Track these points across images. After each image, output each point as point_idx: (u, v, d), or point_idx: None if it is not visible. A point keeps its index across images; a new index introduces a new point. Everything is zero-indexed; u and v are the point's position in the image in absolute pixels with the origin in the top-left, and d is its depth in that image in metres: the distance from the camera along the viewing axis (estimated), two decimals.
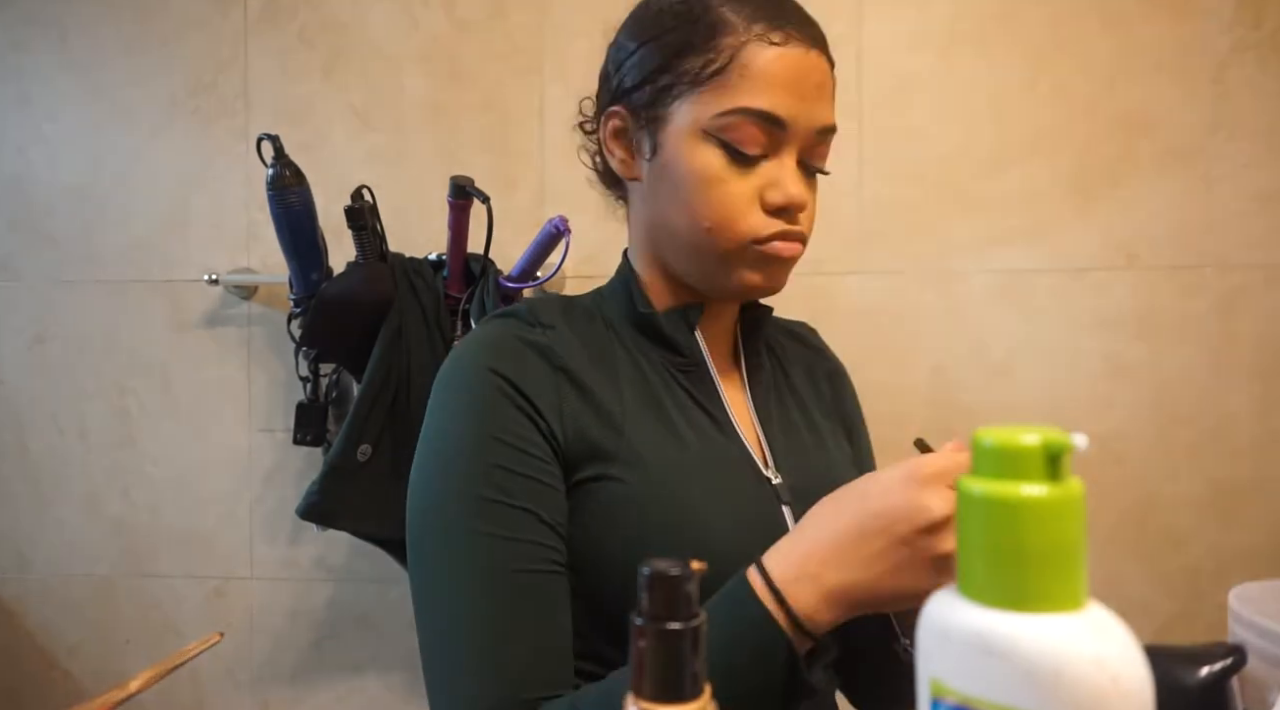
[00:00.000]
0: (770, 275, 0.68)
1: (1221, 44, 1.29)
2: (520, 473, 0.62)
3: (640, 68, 0.68)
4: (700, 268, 0.69)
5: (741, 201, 0.65)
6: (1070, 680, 0.29)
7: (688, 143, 0.65)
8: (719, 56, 0.64)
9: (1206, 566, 1.30)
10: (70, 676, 1.49)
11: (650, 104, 0.68)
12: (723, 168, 0.65)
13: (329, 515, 1.20)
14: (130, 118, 1.45)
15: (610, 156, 0.72)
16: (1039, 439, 0.31)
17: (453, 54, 1.40)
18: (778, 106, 0.64)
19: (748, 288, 0.68)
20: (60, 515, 1.48)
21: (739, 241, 0.66)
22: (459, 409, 0.65)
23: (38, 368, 1.48)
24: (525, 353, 0.66)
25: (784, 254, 0.66)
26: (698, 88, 0.65)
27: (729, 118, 0.64)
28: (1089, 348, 1.31)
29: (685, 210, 0.66)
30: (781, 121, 0.64)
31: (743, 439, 0.70)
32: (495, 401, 0.64)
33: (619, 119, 0.71)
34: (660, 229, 0.70)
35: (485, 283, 1.24)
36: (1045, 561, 0.31)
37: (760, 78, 0.63)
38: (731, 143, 0.64)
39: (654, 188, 0.69)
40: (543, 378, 0.65)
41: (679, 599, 0.32)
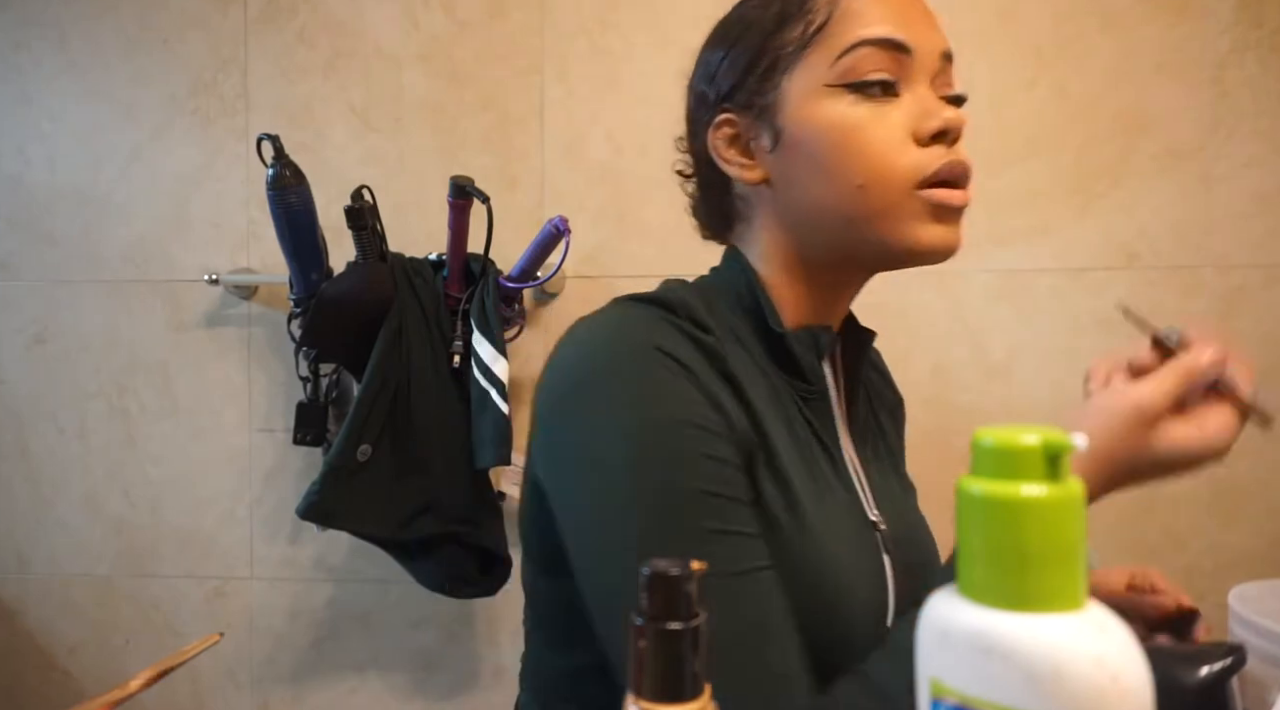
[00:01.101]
0: (949, 229, 0.59)
1: (1221, 44, 1.29)
2: (730, 462, 0.55)
3: (735, 65, 0.64)
4: (860, 237, 0.60)
5: (892, 141, 0.58)
6: (1070, 680, 0.29)
7: (811, 107, 0.60)
8: (817, 13, 0.60)
9: (1206, 566, 1.30)
10: (70, 676, 1.49)
11: (758, 93, 0.62)
12: (860, 113, 0.58)
13: (329, 515, 1.20)
14: (130, 118, 1.45)
15: (728, 166, 0.65)
16: (1039, 439, 0.31)
17: (453, 54, 1.40)
18: (897, 30, 0.59)
19: (924, 247, 0.59)
20: (60, 515, 1.48)
21: (901, 187, 0.58)
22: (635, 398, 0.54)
23: (38, 368, 1.48)
24: (690, 347, 0.57)
25: (953, 201, 0.59)
26: (804, 51, 0.60)
27: (849, 56, 0.58)
28: (1089, 348, 1.31)
29: (829, 178, 0.59)
30: (905, 45, 0.59)
31: (853, 479, 0.65)
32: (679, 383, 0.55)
33: (728, 126, 0.64)
34: (802, 220, 0.63)
35: (485, 283, 1.24)
36: (1045, 561, 0.31)
37: (867, 11, 0.59)
38: (859, 82, 0.58)
39: (785, 177, 0.62)
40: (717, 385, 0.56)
41: (679, 599, 0.32)
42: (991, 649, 0.30)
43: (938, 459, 1.36)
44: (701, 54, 0.70)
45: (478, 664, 1.42)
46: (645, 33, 1.36)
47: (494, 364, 1.20)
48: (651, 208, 1.37)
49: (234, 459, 1.45)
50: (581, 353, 0.57)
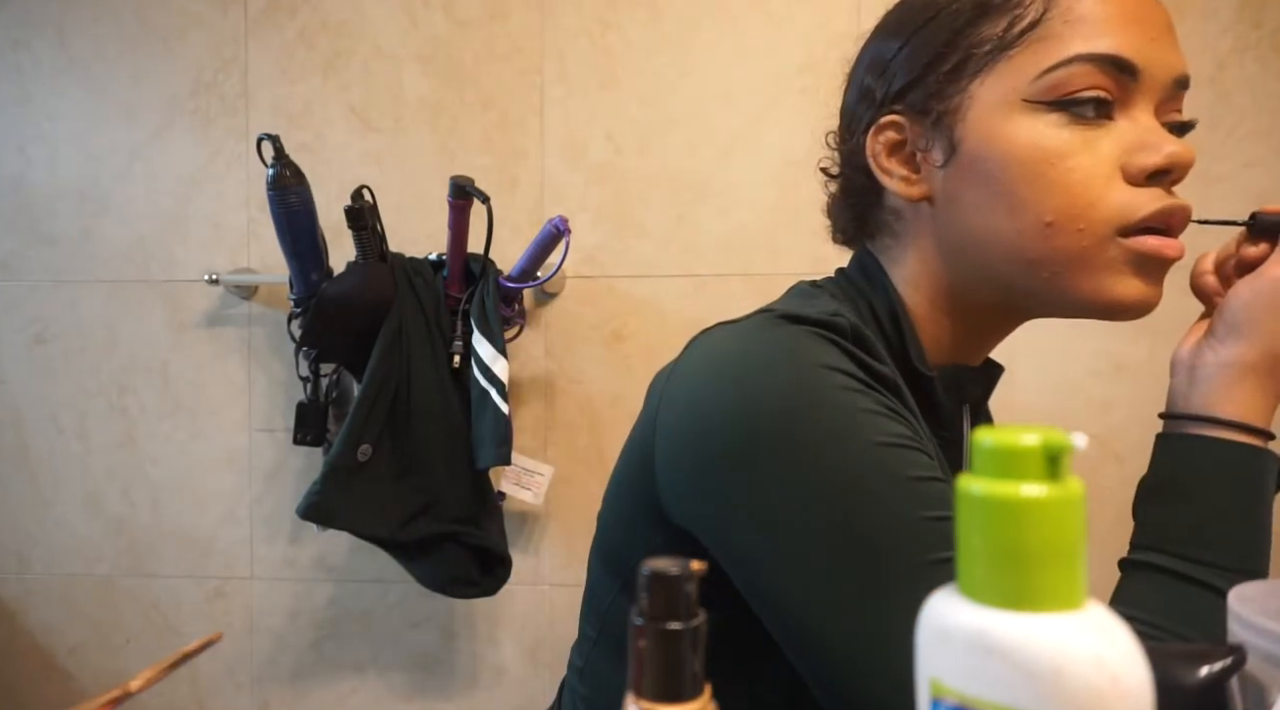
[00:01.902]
0: (1152, 288, 0.53)
1: (1221, 44, 1.29)
2: (932, 477, 0.47)
3: (913, 60, 0.54)
4: (1038, 285, 0.52)
5: (1096, 176, 0.50)
6: (1070, 680, 0.29)
7: (1002, 121, 0.51)
8: (1028, 10, 0.51)
9: None
10: (70, 676, 1.49)
11: (937, 96, 0.53)
12: (1062, 138, 0.50)
13: (329, 515, 1.20)
14: (130, 118, 1.46)
15: (886, 177, 0.56)
16: (1039, 439, 0.31)
17: (453, 54, 1.40)
18: (1125, 48, 0.49)
19: (1119, 304, 0.52)
20: (60, 515, 1.48)
21: (1097, 232, 0.50)
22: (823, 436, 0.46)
23: (38, 368, 1.48)
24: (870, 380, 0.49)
25: (1165, 253, 0.52)
26: (1005, 52, 0.51)
27: (1061, 71, 0.49)
28: (1089, 348, 1.31)
29: (1011, 210, 0.51)
30: (1133, 67, 0.50)
31: None
32: (870, 410, 0.48)
33: (894, 129, 0.56)
34: (966, 251, 0.54)
35: (485, 283, 1.24)
36: (1045, 561, 0.31)
37: (1094, 18, 0.49)
38: (1069, 100, 0.49)
39: (954, 198, 0.54)
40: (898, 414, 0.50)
41: (679, 599, 0.32)
42: (991, 649, 0.30)
43: None
44: (872, 40, 0.60)
45: (478, 664, 1.42)
46: (645, 33, 1.36)
47: (494, 364, 1.20)
48: (651, 208, 1.37)
49: (234, 459, 1.45)
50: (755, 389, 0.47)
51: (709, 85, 1.35)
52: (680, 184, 1.37)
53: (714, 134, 1.36)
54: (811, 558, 0.46)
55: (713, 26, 1.34)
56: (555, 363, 1.39)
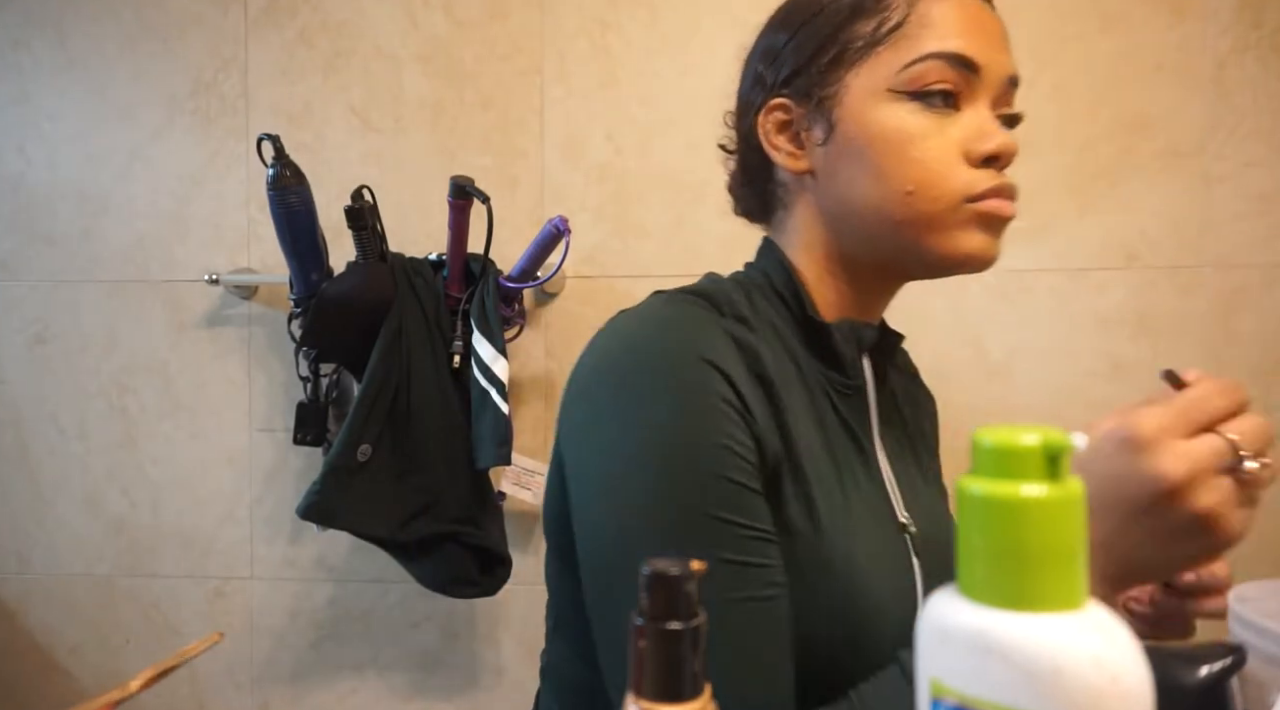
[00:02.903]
0: (987, 242, 0.60)
1: (1221, 44, 1.29)
2: (749, 487, 0.54)
3: (800, 50, 0.63)
4: (903, 243, 0.61)
5: (946, 156, 0.59)
6: (1070, 680, 0.29)
7: (873, 107, 0.60)
8: (894, 13, 0.60)
9: None
10: (70, 676, 1.49)
11: (819, 83, 0.62)
12: (919, 122, 0.59)
13: (329, 515, 1.20)
14: (130, 118, 1.45)
15: (775, 152, 0.65)
16: (1039, 439, 0.31)
17: (453, 54, 1.40)
18: (968, 48, 0.59)
19: (968, 256, 0.60)
20: (60, 515, 1.48)
21: (949, 200, 0.59)
22: (671, 404, 0.53)
23: (38, 368, 1.48)
24: (731, 348, 0.56)
25: (1004, 212, 0.60)
26: (875, 48, 0.60)
27: (919, 66, 0.58)
28: (1089, 348, 1.31)
29: (879, 180, 0.60)
30: (975, 64, 0.59)
31: (884, 478, 0.65)
32: (714, 398, 0.54)
33: (781, 111, 0.64)
34: (843, 217, 0.63)
35: (485, 283, 1.24)
36: (1045, 561, 0.31)
37: (945, 23, 0.59)
38: (924, 91, 0.59)
39: (833, 171, 0.62)
40: (750, 383, 0.56)
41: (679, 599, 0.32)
42: (991, 649, 0.30)
43: None
44: (765, 32, 0.67)
45: (478, 664, 1.42)
46: (645, 33, 1.36)
47: (494, 364, 1.20)
48: (651, 208, 1.37)
49: (234, 459, 1.45)
50: (625, 346, 0.56)
51: (709, 85, 1.35)
52: (680, 184, 1.37)
53: (714, 134, 1.36)
54: (610, 503, 0.54)
55: (713, 26, 1.34)
56: (555, 363, 1.39)
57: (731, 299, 0.60)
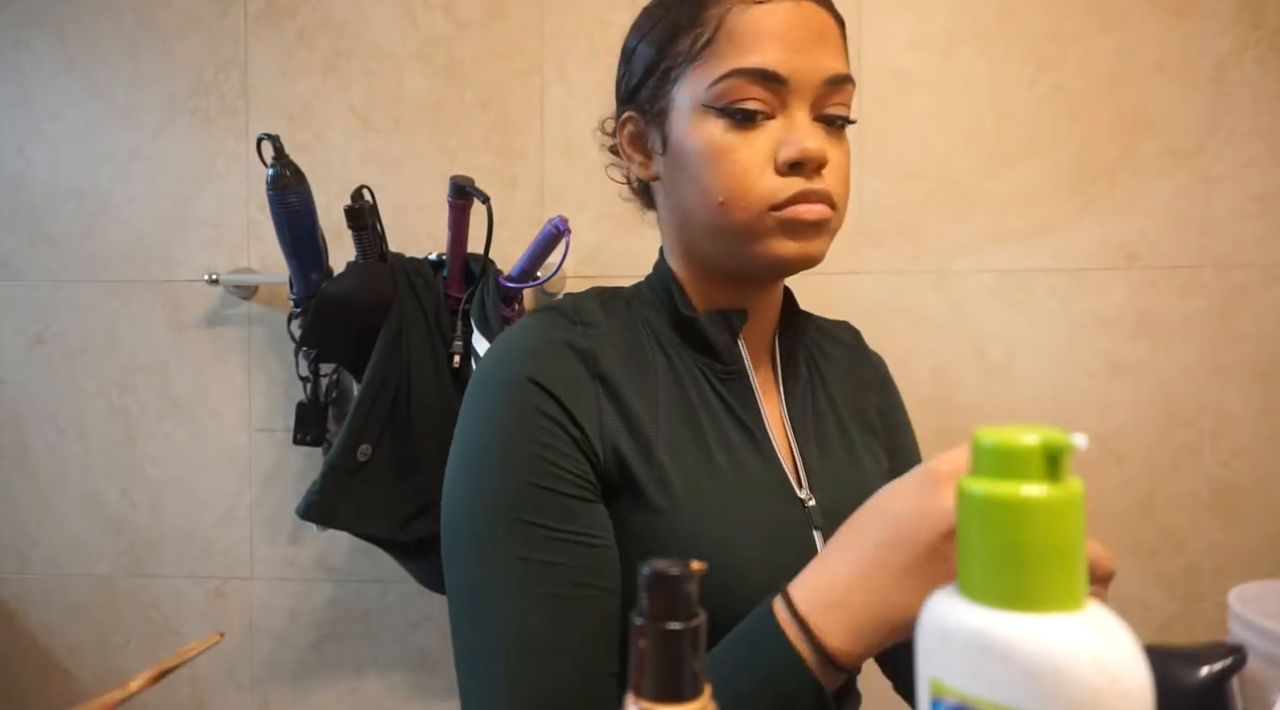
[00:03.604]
0: (803, 243, 0.62)
1: (1221, 44, 1.29)
2: (557, 491, 0.59)
3: (640, 64, 0.67)
4: (727, 249, 0.65)
5: (752, 167, 0.61)
6: (1070, 680, 0.29)
7: (690, 122, 0.63)
8: (706, 28, 0.62)
9: (1206, 566, 1.30)
10: (70, 676, 1.49)
11: (654, 98, 0.66)
12: (725, 136, 0.62)
13: (329, 515, 1.20)
14: (130, 118, 1.46)
15: (631, 163, 0.70)
16: (1039, 439, 0.31)
17: (453, 54, 1.40)
18: (769, 61, 0.60)
19: (780, 260, 0.63)
20: (60, 515, 1.48)
21: (755, 209, 0.61)
22: (495, 417, 0.61)
23: (38, 368, 1.48)
24: (566, 357, 0.62)
25: (807, 216, 0.61)
26: (691, 64, 0.63)
27: (722, 83, 0.61)
28: (1089, 348, 1.31)
29: (698, 191, 0.64)
30: (778, 76, 0.61)
31: (778, 456, 0.67)
32: (533, 413, 0.60)
33: (632, 123, 0.69)
34: (684, 221, 0.67)
35: (485, 283, 1.24)
36: (1045, 561, 0.31)
37: (748, 37, 0.61)
38: (729, 108, 0.61)
39: (671, 180, 0.67)
40: (583, 387, 0.61)
41: (679, 599, 0.32)
42: (991, 649, 0.30)
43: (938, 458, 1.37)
44: (628, 34, 0.71)
45: None
46: None
47: None
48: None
49: (234, 459, 1.45)
50: (480, 368, 0.65)
51: None
52: None
53: None
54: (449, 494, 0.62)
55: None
56: None
57: (585, 308, 0.67)
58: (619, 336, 0.66)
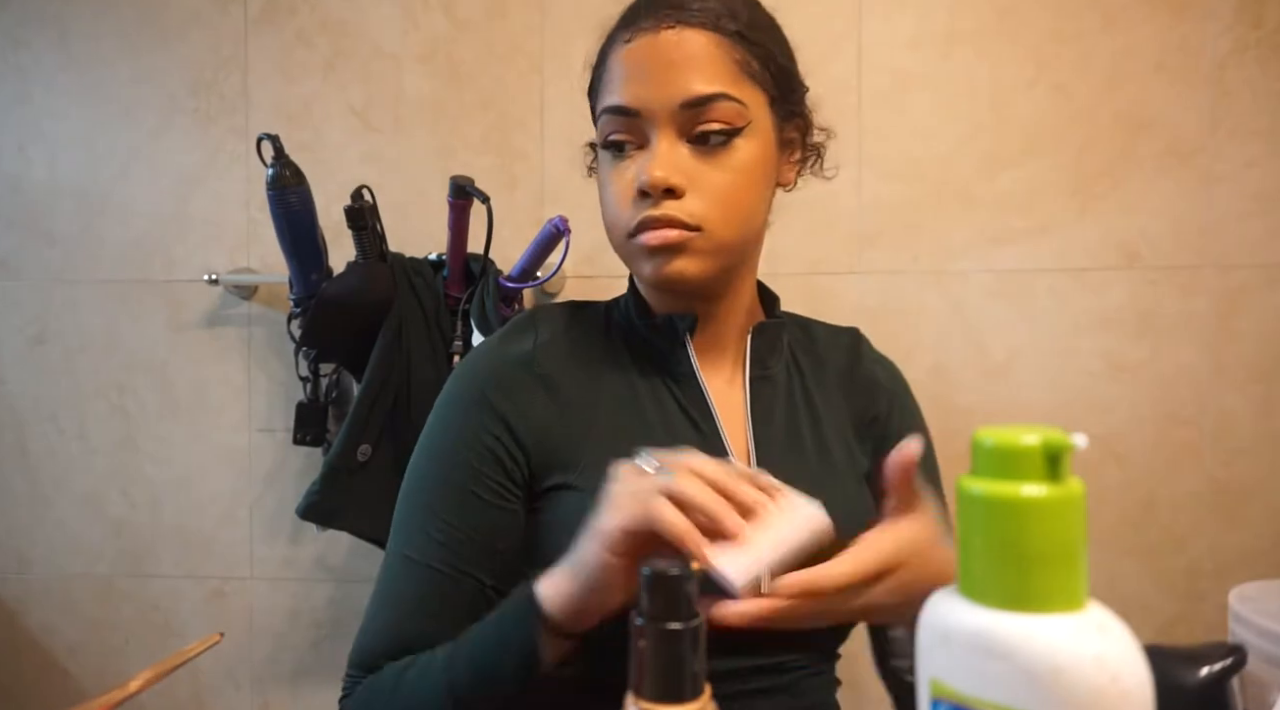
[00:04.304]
0: (655, 267, 0.67)
1: (1221, 44, 1.29)
2: (471, 491, 0.67)
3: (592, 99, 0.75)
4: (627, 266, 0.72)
5: (620, 197, 0.68)
6: (1070, 680, 0.29)
7: (598, 157, 0.72)
8: (600, 70, 0.71)
9: (1206, 566, 1.30)
10: (70, 676, 1.49)
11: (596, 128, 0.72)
12: (607, 171, 0.70)
13: (329, 515, 1.20)
14: (130, 118, 1.45)
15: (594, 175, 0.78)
16: (1039, 439, 0.31)
17: (453, 54, 1.40)
18: (623, 97, 0.67)
19: (650, 279, 0.69)
20: (60, 515, 1.48)
21: (620, 236, 0.69)
22: (439, 419, 0.70)
23: (38, 368, 1.48)
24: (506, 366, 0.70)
25: (649, 242, 0.66)
26: (593, 101, 0.72)
27: (600, 121, 0.70)
28: (1089, 348, 1.31)
29: (602, 215, 0.71)
30: (631, 110, 0.66)
31: (728, 451, 0.70)
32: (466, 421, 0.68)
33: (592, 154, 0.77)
34: None
35: (485, 283, 1.24)
36: (1045, 561, 0.31)
37: (613, 78, 0.68)
38: (605, 143, 0.69)
39: None
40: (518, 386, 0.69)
41: (679, 599, 0.32)
42: (991, 649, 0.30)
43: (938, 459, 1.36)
44: None
45: None
46: None
47: None
48: None
49: (234, 459, 1.45)
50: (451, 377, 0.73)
51: None
52: None
53: None
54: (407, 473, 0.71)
55: None
56: None
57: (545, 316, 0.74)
58: (573, 341, 0.72)
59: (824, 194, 0.74)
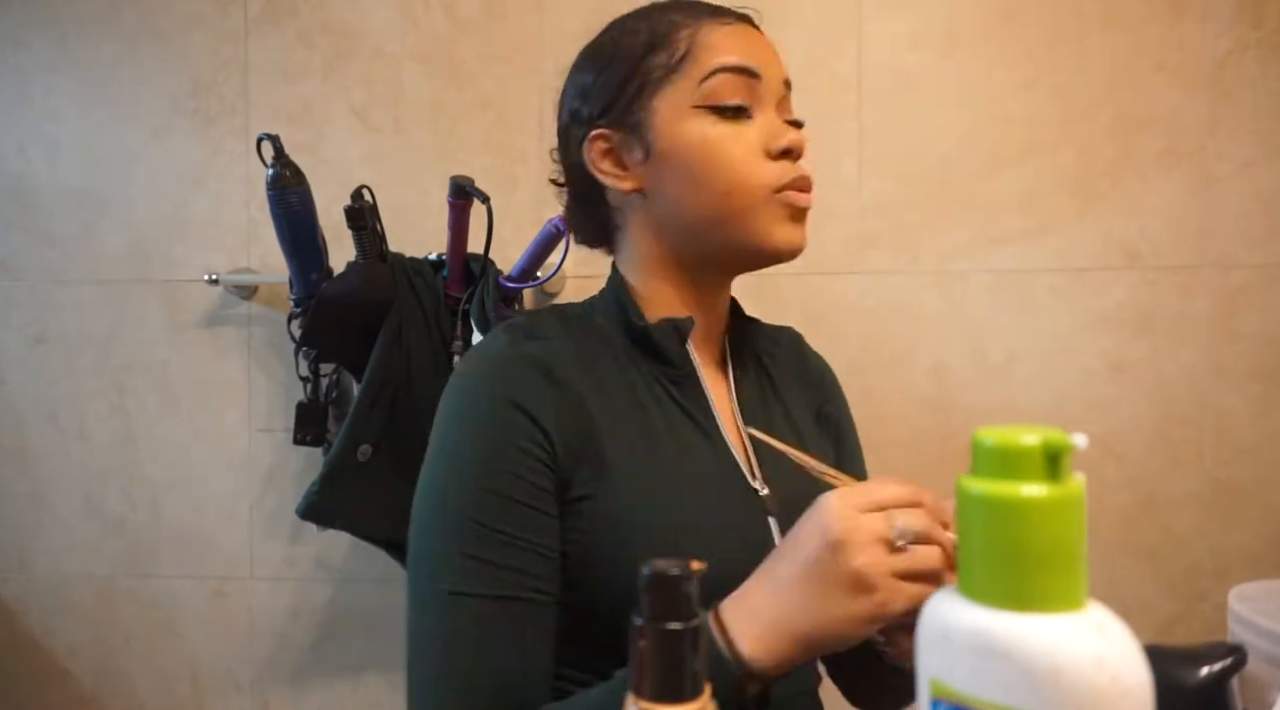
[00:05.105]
0: (793, 230, 0.69)
1: (1221, 44, 1.29)
2: (516, 500, 0.63)
3: (607, 87, 0.72)
4: (725, 240, 0.70)
5: (749, 156, 0.68)
6: (1070, 680, 0.29)
7: (679, 124, 0.69)
8: (681, 45, 0.69)
9: (1206, 566, 1.30)
10: (70, 676, 1.49)
11: (629, 111, 0.71)
12: (719, 130, 0.68)
13: (329, 515, 1.20)
14: (130, 118, 1.45)
15: (603, 177, 0.72)
16: (1039, 439, 0.31)
17: (453, 54, 1.40)
18: (746, 59, 0.68)
19: (783, 245, 0.69)
20: (60, 515, 1.48)
21: (760, 193, 0.67)
22: (463, 429, 0.66)
23: (38, 368, 1.48)
24: (525, 369, 0.66)
25: (800, 202, 0.69)
26: (671, 75, 0.69)
27: (711, 80, 0.68)
28: (1089, 348, 1.31)
29: (697, 186, 0.68)
30: (754, 71, 0.68)
31: (731, 450, 0.71)
32: (497, 425, 0.64)
33: (602, 140, 0.72)
34: (671, 225, 0.71)
35: (485, 283, 1.24)
36: (1045, 561, 0.31)
37: (722, 45, 0.69)
38: (719, 104, 0.68)
39: (657, 185, 0.71)
40: (541, 393, 0.65)
41: (679, 599, 0.32)
42: (991, 649, 0.30)
43: (937, 459, 1.37)
44: (572, 74, 0.78)
45: None
46: None
47: None
48: None
49: (234, 459, 1.45)
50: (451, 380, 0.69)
51: None
52: None
53: None
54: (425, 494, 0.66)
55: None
56: None
57: (541, 323, 0.71)
58: (573, 346, 0.70)
59: (824, 194, 0.74)
